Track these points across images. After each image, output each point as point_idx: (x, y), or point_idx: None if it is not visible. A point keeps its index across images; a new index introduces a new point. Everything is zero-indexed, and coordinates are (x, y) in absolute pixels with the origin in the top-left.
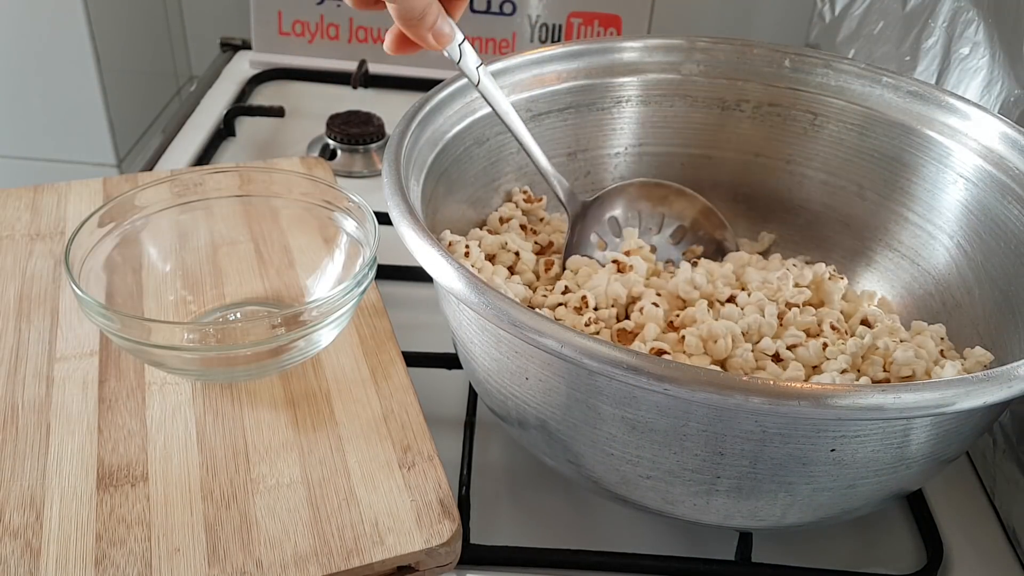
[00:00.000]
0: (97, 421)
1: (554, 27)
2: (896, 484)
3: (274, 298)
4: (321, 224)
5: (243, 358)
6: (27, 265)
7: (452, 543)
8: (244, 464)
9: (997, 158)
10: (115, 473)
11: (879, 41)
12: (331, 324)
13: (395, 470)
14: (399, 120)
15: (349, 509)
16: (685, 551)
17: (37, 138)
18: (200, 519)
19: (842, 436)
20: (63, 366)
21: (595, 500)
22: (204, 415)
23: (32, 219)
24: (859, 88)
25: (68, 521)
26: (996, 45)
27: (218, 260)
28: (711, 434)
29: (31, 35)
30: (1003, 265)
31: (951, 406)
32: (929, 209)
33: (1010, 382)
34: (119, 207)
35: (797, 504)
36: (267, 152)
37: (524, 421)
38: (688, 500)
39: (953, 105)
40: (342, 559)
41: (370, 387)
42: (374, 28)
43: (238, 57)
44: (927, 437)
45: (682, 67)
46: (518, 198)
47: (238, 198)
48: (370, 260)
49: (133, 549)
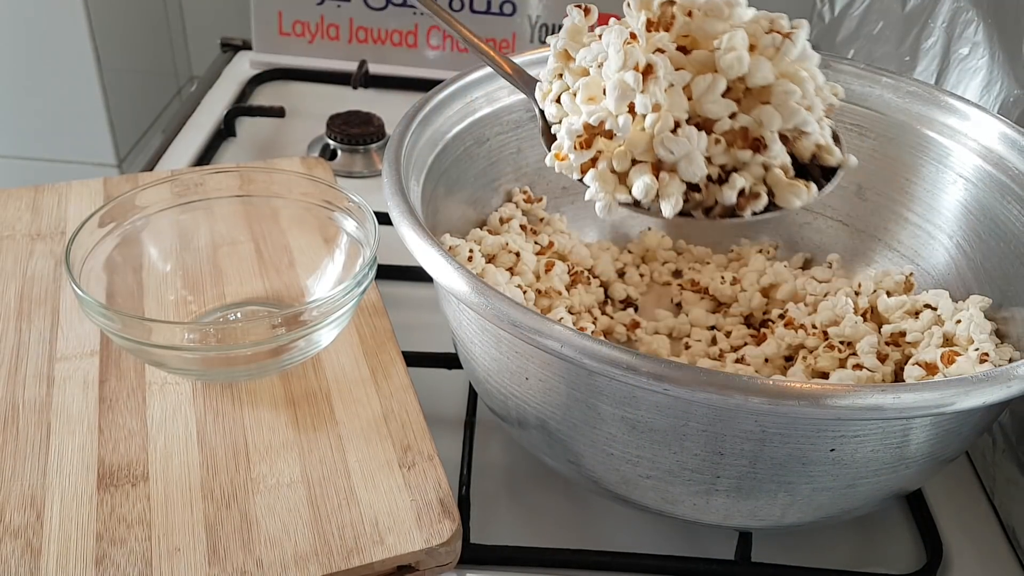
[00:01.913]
0: (98, 421)
1: (554, 27)
2: (896, 484)
3: (274, 298)
4: (321, 224)
5: (243, 358)
6: (28, 265)
7: (452, 543)
8: (244, 464)
9: (996, 158)
10: (116, 473)
11: (878, 41)
12: (331, 324)
13: (395, 470)
14: (399, 120)
15: (349, 508)
16: (685, 551)
17: (37, 138)
18: (200, 518)
19: (841, 436)
20: (63, 366)
21: (595, 500)
22: (204, 415)
23: (33, 219)
24: (858, 88)
25: (69, 521)
26: (995, 45)
27: (218, 260)
28: (711, 434)
29: (32, 35)
30: (1002, 265)
31: (950, 406)
32: (928, 209)
33: (1009, 382)
34: (119, 207)
35: (797, 504)
36: (267, 152)
37: (524, 421)
38: (688, 500)
39: (952, 105)
40: (342, 558)
41: (370, 387)
42: (374, 28)
43: (238, 57)
44: (927, 437)
45: None
46: (518, 198)
47: (238, 198)
48: (370, 260)
49: (134, 549)
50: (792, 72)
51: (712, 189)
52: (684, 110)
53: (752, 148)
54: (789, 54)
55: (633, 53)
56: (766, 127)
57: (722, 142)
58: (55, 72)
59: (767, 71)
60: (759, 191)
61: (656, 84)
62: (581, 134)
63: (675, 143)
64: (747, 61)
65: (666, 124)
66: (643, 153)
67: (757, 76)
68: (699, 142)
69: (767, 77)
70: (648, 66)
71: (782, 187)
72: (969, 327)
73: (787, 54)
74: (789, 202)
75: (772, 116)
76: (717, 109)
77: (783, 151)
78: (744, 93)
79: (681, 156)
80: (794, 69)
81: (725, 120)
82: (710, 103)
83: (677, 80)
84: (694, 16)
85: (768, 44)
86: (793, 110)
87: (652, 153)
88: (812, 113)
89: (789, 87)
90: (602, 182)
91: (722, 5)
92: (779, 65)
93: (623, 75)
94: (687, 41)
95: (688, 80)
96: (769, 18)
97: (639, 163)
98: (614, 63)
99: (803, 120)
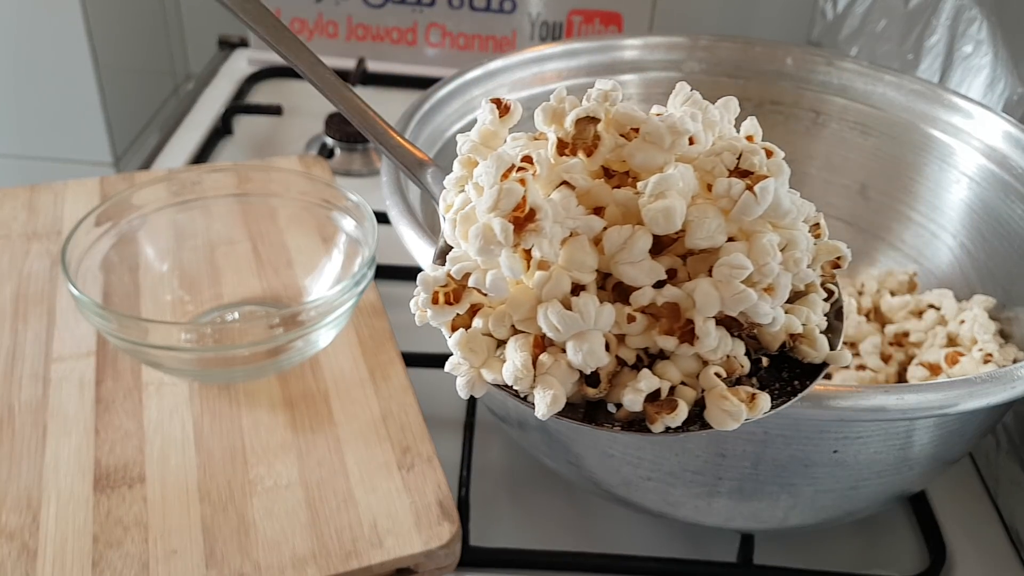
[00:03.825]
0: (94, 422)
1: (555, 25)
2: (899, 485)
3: (272, 298)
4: (319, 223)
5: (241, 358)
6: (23, 265)
7: (451, 545)
8: (242, 465)
9: (1000, 157)
10: (112, 474)
11: (882, 39)
12: (329, 324)
13: (394, 471)
14: (398, 118)
15: (348, 511)
16: (686, 553)
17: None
18: (197, 521)
19: (844, 437)
20: (60, 367)
21: (596, 502)
22: (201, 416)
23: (29, 218)
24: (861, 86)
25: (65, 523)
26: (999, 43)
27: (215, 260)
28: (712, 435)
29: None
30: (1006, 264)
31: (954, 407)
32: (932, 208)
33: (1013, 383)
34: (116, 206)
35: (799, 506)
36: (265, 151)
37: (524, 422)
38: (689, 502)
39: (956, 104)
40: (340, 561)
41: (369, 388)
42: (372, 26)
43: (236, 55)
44: (930, 438)
45: (684, 65)
46: None
47: (236, 197)
48: (369, 260)
49: (130, 551)
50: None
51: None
52: (590, 269)
53: (679, 336)
54: (748, 213)
55: (512, 194)
56: (699, 311)
57: (638, 320)
58: (52, 70)
59: (713, 230)
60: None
61: (539, 236)
62: (446, 284)
63: (565, 318)
64: (679, 215)
65: (558, 287)
66: (524, 321)
67: (697, 236)
68: (600, 319)
69: (713, 239)
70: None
71: (713, 397)
72: (973, 327)
73: (745, 213)
74: (719, 420)
75: (708, 297)
76: (635, 274)
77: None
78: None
79: (570, 335)
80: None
81: (647, 290)
82: (626, 264)
83: (584, 229)
84: (631, 138)
85: (722, 192)
86: (738, 293)
87: (536, 325)
88: (774, 296)
89: (737, 261)
90: (468, 350)
91: (664, 132)
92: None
93: (491, 219)
94: (621, 167)
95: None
96: (738, 150)
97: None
98: (484, 201)
99: (753, 308)
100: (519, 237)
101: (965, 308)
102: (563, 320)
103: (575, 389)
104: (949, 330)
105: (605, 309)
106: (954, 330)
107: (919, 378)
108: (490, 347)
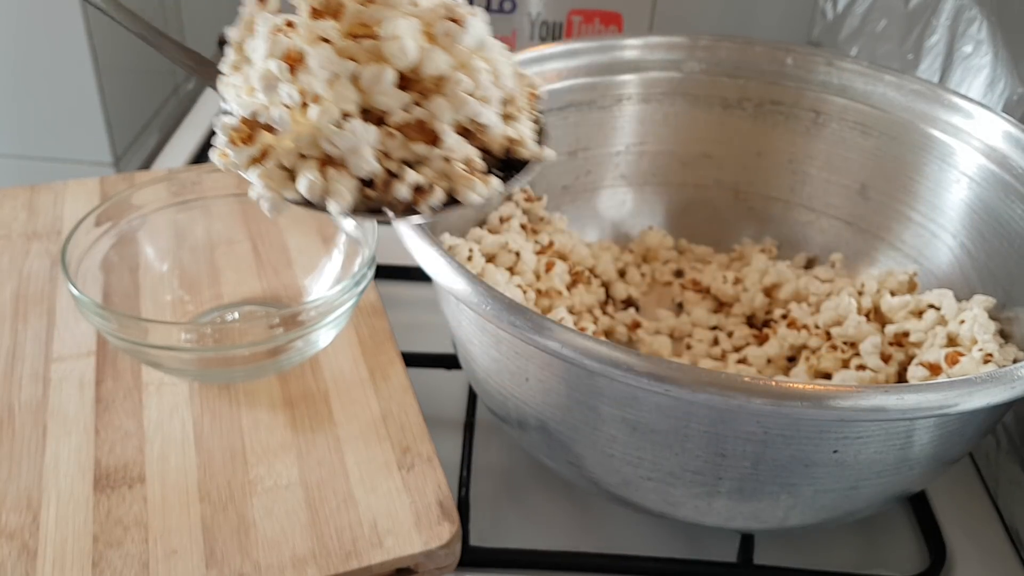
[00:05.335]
0: (94, 422)
1: (554, 25)
2: (899, 485)
3: (272, 298)
4: (319, 223)
5: (241, 359)
6: (23, 265)
7: (451, 545)
8: (242, 465)
9: (1000, 157)
10: (112, 474)
11: (882, 39)
12: (329, 324)
13: (394, 472)
14: None
15: (347, 511)
16: (686, 553)
17: (33, 136)
18: (197, 521)
19: (844, 437)
20: (60, 367)
21: (596, 502)
22: (201, 416)
23: (29, 218)
24: (861, 86)
25: (65, 523)
26: (999, 43)
27: (215, 260)
28: (712, 435)
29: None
30: (1006, 265)
31: (954, 407)
32: (932, 208)
33: (1013, 383)
34: (116, 206)
35: (799, 506)
36: None
37: (524, 422)
38: (689, 502)
39: (956, 104)
40: (340, 561)
41: (369, 388)
42: None
43: None
44: (930, 438)
45: (683, 65)
46: (518, 197)
47: (236, 197)
48: (369, 259)
49: (130, 551)
50: (467, 62)
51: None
52: (353, 102)
53: (428, 141)
54: (460, 41)
55: (279, 42)
56: (437, 119)
57: (398, 136)
58: (51, 70)
59: (440, 62)
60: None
61: (308, 74)
62: (239, 128)
63: (339, 136)
64: (412, 50)
65: (329, 115)
66: (309, 148)
67: (429, 66)
68: (366, 135)
69: (439, 67)
70: (298, 54)
71: (458, 181)
72: (973, 327)
73: (458, 41)
74: (466, 196)
75: (442, 107)
76: (388, 101)
77: (462, 144)
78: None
79: (347, 150)
80: (469, 58)
81: (398, 112)
82: (379, 95)
83: (341, 70)
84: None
85: (441, 32)
86: (462, 100)
87: (319, 148)
88: (488, 105)
89: (459, 77)
90: (267, 179)
91: None
92: (456, 55)
93: (268, 63)
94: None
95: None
96: (446, 5)
97: (307, 158)
98: (260, 52)
99: (475, 111)
100: (293, 77)
101: (965, 308)
102: (339, 137)
103: (359, 196)
104: (949, 330)
105: (370, 128)
106: (954, 330)
107: (919, 378)
108: (285, 178)
